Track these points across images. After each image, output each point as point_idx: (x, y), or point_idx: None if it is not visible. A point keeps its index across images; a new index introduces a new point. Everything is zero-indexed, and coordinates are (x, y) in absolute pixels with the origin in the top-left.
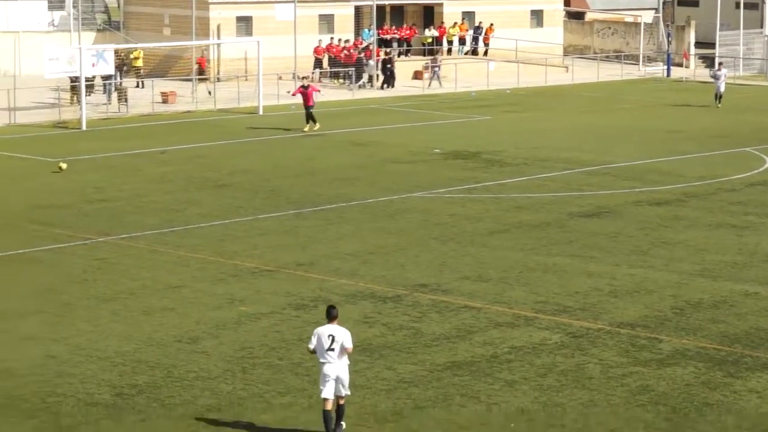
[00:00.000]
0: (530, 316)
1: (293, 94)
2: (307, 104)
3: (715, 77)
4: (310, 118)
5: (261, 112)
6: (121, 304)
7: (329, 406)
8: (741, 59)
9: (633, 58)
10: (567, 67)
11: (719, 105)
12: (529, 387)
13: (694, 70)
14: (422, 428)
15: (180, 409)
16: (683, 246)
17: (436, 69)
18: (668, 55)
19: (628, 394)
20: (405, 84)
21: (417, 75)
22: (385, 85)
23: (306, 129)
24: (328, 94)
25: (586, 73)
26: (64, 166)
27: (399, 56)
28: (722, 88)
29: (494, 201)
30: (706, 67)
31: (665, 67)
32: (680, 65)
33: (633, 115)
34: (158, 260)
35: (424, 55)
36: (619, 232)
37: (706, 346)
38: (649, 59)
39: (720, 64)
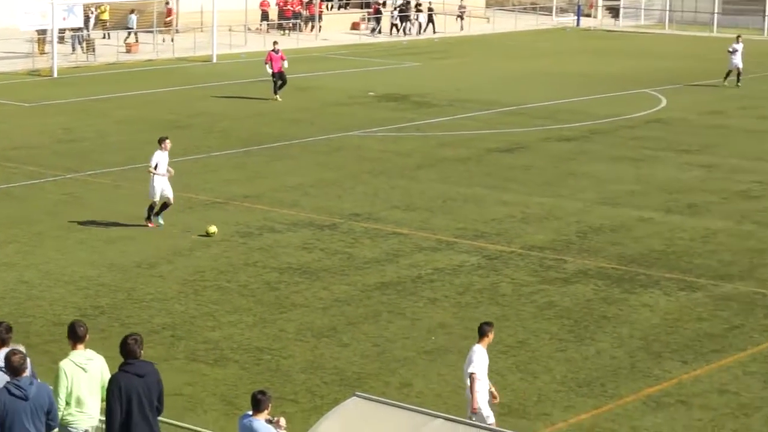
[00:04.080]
0: (451, 241)
1: (266, 61)
2: (275, 70)
3: (733, 51)
4: (280, 86)
5: (215, 60)
6: (87, 233)
7: None
8: (643, 10)
9: (547, 10)
10: (488, 18)
11: (739, 84)
12: (449, 304)
13: (601, 20)
14: (353, 342)
15: (138, 328)
16: (587, 177)
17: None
18: (578, 6)
19: (536, 309)
20: (342, 32)
21: (354, 26)
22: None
23: (278, 97)
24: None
25: (505, 23)
26: (212, 230)
27: (339, 9)
28: (740, 64)
29: (422, 139)
30: (612, 17)
31: (576, 17)
32: (588, 16)
33: (546, 61)
34: (121, 194)
35: (361, 8)
36: (531, 165)
37: (605, 265)
38: (562, 10)
39: (738, 36)
